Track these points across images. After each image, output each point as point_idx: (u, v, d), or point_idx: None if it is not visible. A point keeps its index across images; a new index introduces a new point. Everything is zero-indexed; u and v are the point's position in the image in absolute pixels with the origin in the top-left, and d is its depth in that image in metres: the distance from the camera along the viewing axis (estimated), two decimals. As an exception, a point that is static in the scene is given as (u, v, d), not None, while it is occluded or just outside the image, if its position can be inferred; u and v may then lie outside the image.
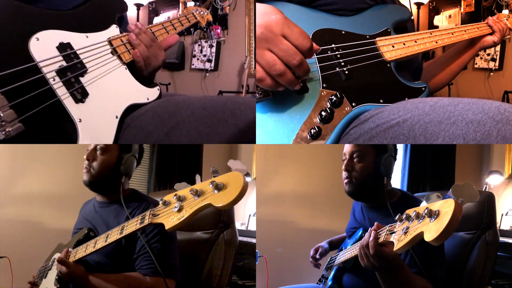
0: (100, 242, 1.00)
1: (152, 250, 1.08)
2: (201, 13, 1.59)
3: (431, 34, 1.24)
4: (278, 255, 2.42)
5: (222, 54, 4.19)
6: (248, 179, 2.86)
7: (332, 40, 1.10)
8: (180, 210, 0.79)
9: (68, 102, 0.93)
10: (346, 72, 1.06)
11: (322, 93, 1.00)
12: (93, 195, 1.29)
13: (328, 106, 0.98)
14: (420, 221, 0.72)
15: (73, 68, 0.97)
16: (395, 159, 1.17)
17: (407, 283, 0.94)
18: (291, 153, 2.59)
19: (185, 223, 0.78)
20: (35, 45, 0.91)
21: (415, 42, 1.20)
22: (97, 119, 0.99)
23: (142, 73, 1.17)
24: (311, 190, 2.57)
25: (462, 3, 4.02)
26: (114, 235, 0.97)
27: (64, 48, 0.97)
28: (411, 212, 0.77)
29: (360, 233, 1.19)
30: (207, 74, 4.20)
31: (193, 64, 4.21)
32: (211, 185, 0.76)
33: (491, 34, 1.45)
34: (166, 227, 0.79)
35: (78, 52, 1.00)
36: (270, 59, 0.86)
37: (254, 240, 2.33)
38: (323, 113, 0.96)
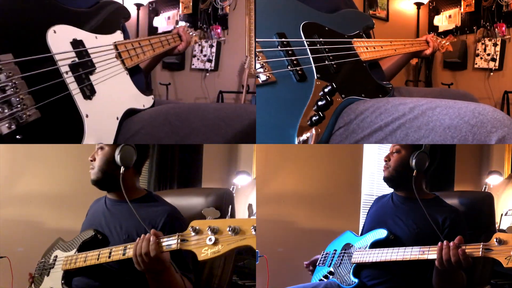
0: (116, 254, 0.99)
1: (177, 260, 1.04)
2: (191, 33, 1.83)
3: (391, 42, 1.47)
4: (278, 255, 2.42)
5: (222, 54, 4.19)
6: (248, 179, 2.86)
7: (320, 35, 1.17)
8: (215, 243, 0.80)
9: (77, 97, 0.96)
10: (334, 66, 1.13)
11: (317, 83, 1.06)
12: (94, 194, 1.29)
13: (324, 95, 1.04)
14: None
15: (84, 65, 1.01)
16: (429, 156, 1.25)
17: (460, 276, 1.09)
18: (291, 153, 2.59)
19: (219, 257, 0.81)
20: (52, 37, 0.95)
21: (381, 47, 1.37)
22: (101, 117, 1.02)
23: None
24: (311, 190, 2.57)
25: (462, 3, 4.02)
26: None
27: (77, 44, 1.02)
28: None
29: (386, 234, 1.23)
30: (207, 74, 4.20)
31: (193, 64, 4.21)
32: (252, 229, 0.78)
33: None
34: (199, 258, 0.81)
35: (89, 50, 1.05)
36: None
37: (254, 240, 2.33)
38: (321, 101, 1.01)
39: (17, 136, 0.81)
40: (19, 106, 0.82)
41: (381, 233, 1.24)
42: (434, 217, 1.19)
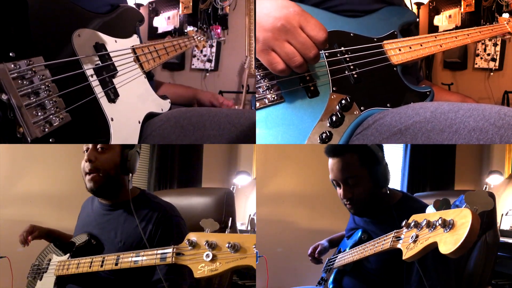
0: (109, 263, 0.94)
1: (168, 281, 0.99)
2: (199, 38, 1.86)
3: (435, 37, 1.25)
4: (278, 255, 2.41)
5: (222, 54, 4.19)
6: (248, 179, 2.86)
7: (341, 43, 1.10)
8: (213, 260, 0.74)
9: (103, 100, 0.98)
10: (355, 75, 1.06)
11: (332, 97, 1.01)
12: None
13: (338, 110, 0.99)
14: (431, 230, 0.68)
15: (107, 69, 1.03)
16: (387, 162, 1.14)
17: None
18: (291, 153, 2.59)
19: (216, 276, 0.74)
20: (77, 41, 0.98)
21: (421, 45, 1.20)
22: (124, 121, 1.03)
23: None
24: (311, 190, 2.57)
25: (462, 3, 4.02)
26: (125, 261, 0.90)
27: (99, 48, 1.04)
28: (420, 218, 0.73)
29: (359, 234, 1.18)
30: (207, 74, 4.20)
31: (193, 64, 4.21)
32: (254, 247, 0.72)
33: None
34: (195, 275, 0.75)
35: (110, 54, 1.07)
36: (290, 51, 0.88)
37: (254, 240, 2.33)
38: (333, 117, 0.96)
39: (50, 140, 0.81)
40: (52, 109, 0.83)
41: (356, 235, 1.19)
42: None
